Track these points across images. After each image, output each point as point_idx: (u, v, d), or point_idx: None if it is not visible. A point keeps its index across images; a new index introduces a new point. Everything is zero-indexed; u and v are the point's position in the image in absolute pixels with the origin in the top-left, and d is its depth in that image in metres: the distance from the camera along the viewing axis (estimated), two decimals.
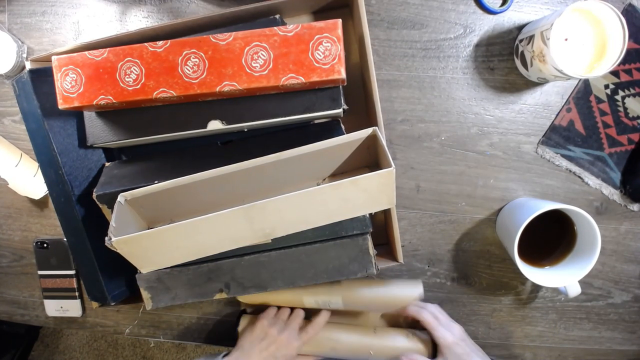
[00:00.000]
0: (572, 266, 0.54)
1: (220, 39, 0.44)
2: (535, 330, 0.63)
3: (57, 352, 1.46)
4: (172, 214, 0.51)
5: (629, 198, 0.58)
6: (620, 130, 0.57)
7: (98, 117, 0.50)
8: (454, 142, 0.59)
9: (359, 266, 0.50)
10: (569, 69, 0.47)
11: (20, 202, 0.68)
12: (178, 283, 0.51)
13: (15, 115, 0.66)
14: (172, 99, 0.46)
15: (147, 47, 0.45)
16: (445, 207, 0.61)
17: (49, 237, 0.67)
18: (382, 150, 0.45)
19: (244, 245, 0.48)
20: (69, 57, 0.45)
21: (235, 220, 0.44)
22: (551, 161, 0.59)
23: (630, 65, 0.56)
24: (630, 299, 0.61)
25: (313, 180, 0.52)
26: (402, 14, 0.58)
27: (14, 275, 0.70)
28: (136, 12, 0.62)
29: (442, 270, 0.62)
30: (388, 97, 0.59)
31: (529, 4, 0.56)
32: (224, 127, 0.49)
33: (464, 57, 0.58)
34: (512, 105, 0.58)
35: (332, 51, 0.44)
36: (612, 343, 0.63)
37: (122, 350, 1.44)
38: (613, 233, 0.60)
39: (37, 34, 0.64)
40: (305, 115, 0.49)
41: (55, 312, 0.68)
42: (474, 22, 0.57)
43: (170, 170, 0.50)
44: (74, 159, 0.52)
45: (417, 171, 0.60)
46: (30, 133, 0.52)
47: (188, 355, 1.41)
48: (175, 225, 0.43)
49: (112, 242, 0.43)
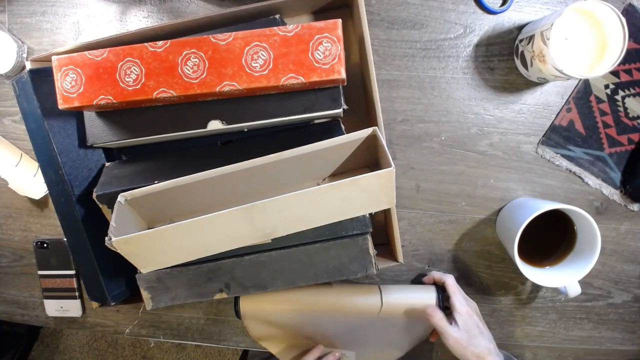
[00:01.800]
0: (572, 266, 0.54)
1: (220, 39, 0.44)
2: (535, 330, 0.63)
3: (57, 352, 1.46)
4: (172, 214, 0.51)
5: (629, 198, 0.58)
6: (620, 130, 0.57)
7: (98, 117, 0.50)
8: (454, 142, 0.59)
9: (359, 266, 0.50)
10: (569, 69, 0.47)
11: (20, 202, 0.68)
12: (178, 283, 0.51)
13: (15, 115, 0.66)
14: (172, 99, 0.46)
15: (147, 47, 0.45)
16: (445, 207, 0.61)
17: (49, 237, 0.67)
18: (382, 150, 0.45)
19: (244, 245, 0.48)
20: (69, 57, 0.45)
21: (236, 220, 0.44)
22: (551, 161, 0.59)
23: (630, 65, 0.56)
24: (630, 299, 0.61)
25: (313, 180, 0.52)
26: (402, 14, 0.58)
27: (14, 275, 0.70)
28: (136, 12, 0.62)
29: (442, 270, 0.62)
30: (388, 97, 0.59)
31: (529, 4, 0.56)
32: (224, 127, 0.49)
33: (464, 57, 0.58)
34: (512, 105, 0.58)
35: (332, 51, 0.44)
36: (612, 343, 0.63)
37: (122, 350, 1.44)
38: (613, 233, 0.60)
39: (37, 34, 0.64)
40: (305, 115, 0.49)
41: (55, 312, 0.68)
42: (474, 22, 0.57)
43: (170, 170, 0.50)
44: (74, 159, 0.52)
45: (417, 171, 0.60)
46: (30, 133, 0.52)
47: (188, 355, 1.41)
48: (175, 225, 0.43)
49: (112, 242, 0.43)
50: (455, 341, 0.51)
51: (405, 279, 0.63)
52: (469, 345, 0.51)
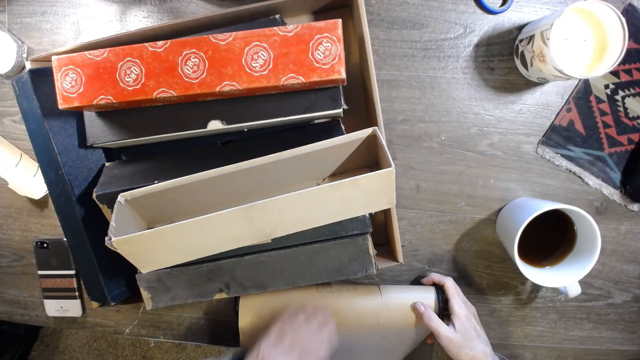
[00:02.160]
0: (572, 266, 0.54)
1: (220, 39, 0.44)
2: (535, 330, 0.63)
3: (57, 352, 1.46)
4: (172, 214, 0.51)
5: (629, 198, 0.58)
6: (620, 130, 0.57)
7: (98, 117, 0.50)
8: (454, 142, 0.59)
9: (359, 266, 0.50)
10: (569, 69, 0.47)
11: (20, 202, 0.68)
12: (178, 283, 0.51)
13: (15, 115, 0.66)
14: (172, 99, 0.46)
15: (147, 47, 0.45)
16: (445, 207, 0.61)
17: (49, 237, 0.67)
18: (382, 150, 0.45)
19: (244, 245, 0.48)
20: (69, 57, 0.45)
21: (235, 220, 0.44)
22: (551, 161, 0.59)
23: (630, 65, 0.56)
24: (630, 299, 0.61)
25: (313, 180, 0.52)
26: (402, 14, 0.58)
27: (14, 275, 0.70)
28: (136, 12, 0.62)
29: (442, 270, 0.62)
30: (388, 97, 0.59)
31: (529, 4, 0.56)
32: (224, 127, 0.49)
33: (464, 57, 0.58)
34: (512, 105, 0.58)
35: (332, 51, 0.44)
36: (612, 343, 0.63)
37: (122, 350, 1.44)
38: (613, 233, 0.60)
39: (37, 34, 0.64)
40: (305, 115, 0.49)
41: (55, 312, 0.68)
42: (474, 22, 0.57)
43: (170, 170, 0.50)
44: (74, 159, 0.52)
45: (417, 171, 0.60)
46: (30, 133, 0.52)
47: (188, 355, 1.41)
48: (175, 225, 0.43)
49: (112, 242, 0.43)
50: (448, 341, 0.51)
51: (405, 279, 0.63)
52: (463, 347, 0.51)
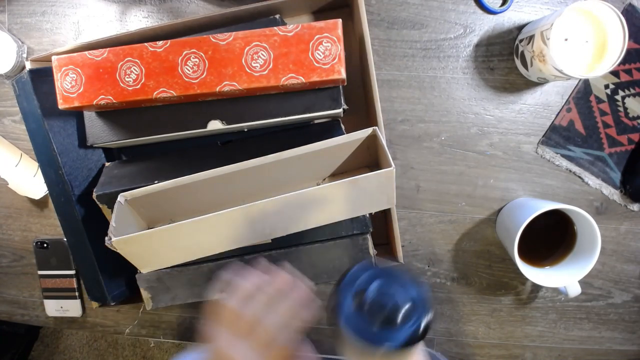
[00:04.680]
0: (572, 266, 0.54)
1: (220, 39, 0.44)
2: (535, 330, 0.63)
3: (57, 352, 1.46)
4: (172, 214, 0.51)
5: (629, 198, 0.58)
6: (620, 130, 0.57)
7: (98, 117, 0.50)
8: (454, 142, 0.59)
9: None
10: (569, 69, 0.47)
11: (20, 202, 0.68)
12: (178, 283, 0.51)
13: (15, 115, 0.66)
14: (172, 99, 0.46)
15: (147, 47, 0.45)
16: (445, 207, 0.61)
17: (49, 237, 0.67)
18: (382, 150, 0.45)
19: (244, 245, 0.48)
20: (69, 57, 0.45)
21: (235, 220, 0.44)
22: (551, 161, 0.59)
23: (630, 65, 0.56)
24: (630, 299, 0.61)
25: (313, 180, 0.52)
26: (402, 14, 0.58)
27: (14, 275, 0.70)
28: (136, 12, 0.62)
29: (442, 270, 0.62)
30: (388, 97, 0.59)
31: (529, 4, 0.56)
32: (224, 127, 0.49)
33: (464, 57, 0.58)
34: (512, 105, 0.58)
35: (332, 51, 0.44)
36: (612, 343, 0.62)
37: (122, 350, 1.44)
38: (613, 233, 0.60)
39: (37, 34, 0.64)
40: (305, 115, 0.49)
41: (55, 312, 0.68)
42: (474, 22, 0.57)
43: (170, 170, 0.50)
44: (74, 159, 0.52)
45: (417, 171, 0.60)
46: (30, 133, 0.52)
47: None
48: (175, 225, 0.43)
49: (112, 242, 0.43)
50: None
51: None
52: None
